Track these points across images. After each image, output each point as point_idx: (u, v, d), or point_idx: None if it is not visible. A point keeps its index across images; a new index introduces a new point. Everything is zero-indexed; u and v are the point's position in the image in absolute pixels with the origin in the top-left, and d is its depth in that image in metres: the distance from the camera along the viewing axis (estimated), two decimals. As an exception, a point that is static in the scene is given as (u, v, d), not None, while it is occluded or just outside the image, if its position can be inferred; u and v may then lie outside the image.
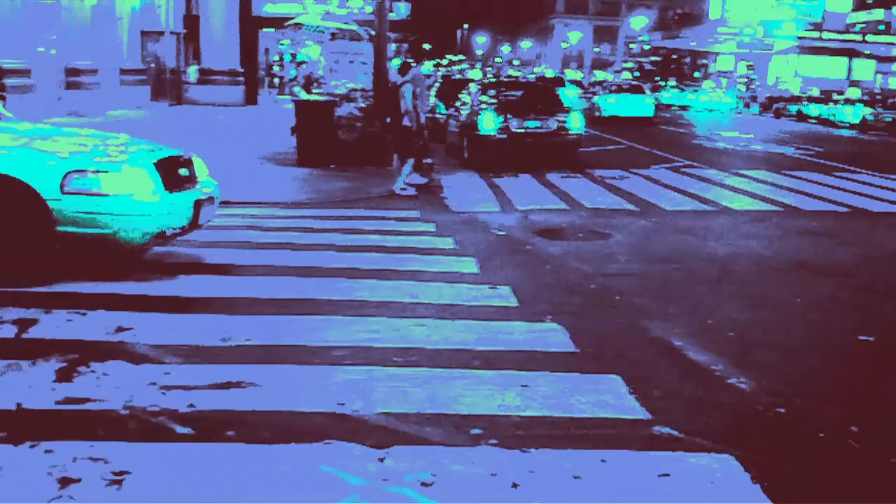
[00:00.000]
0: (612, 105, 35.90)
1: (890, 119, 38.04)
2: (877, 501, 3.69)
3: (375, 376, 4.84)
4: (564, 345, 5.58)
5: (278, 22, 34.65)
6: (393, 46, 33.93)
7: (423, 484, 3.62)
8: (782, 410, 4.63)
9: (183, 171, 7.35)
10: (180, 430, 4.07)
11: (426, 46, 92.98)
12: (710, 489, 3.67)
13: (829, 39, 70.58)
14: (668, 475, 3.77)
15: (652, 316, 6.38)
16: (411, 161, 12.85)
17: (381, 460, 3.81)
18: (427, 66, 69.00)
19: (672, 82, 74.54)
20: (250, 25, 35.84)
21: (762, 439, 4.24)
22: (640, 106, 35.61)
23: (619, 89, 37.96)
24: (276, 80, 43.03)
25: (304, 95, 16.65)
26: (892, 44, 69.76)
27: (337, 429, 4.12)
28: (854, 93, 49.78)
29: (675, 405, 4.62)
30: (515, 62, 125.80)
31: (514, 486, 3.63)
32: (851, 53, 71.48)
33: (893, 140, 33.49)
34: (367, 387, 4.67)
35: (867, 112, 40.31)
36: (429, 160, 14.81)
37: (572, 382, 4.86)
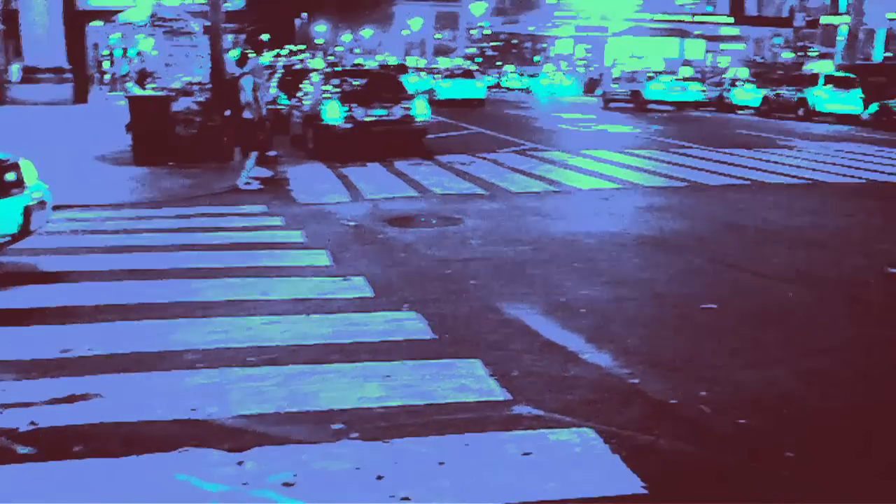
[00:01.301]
0: (446, 89, 38.84)
1: (716, 94, 40.13)
2: (723, 455, 3.82)
3: (229, 378, 4.68)
4: (422, 332, 5.56)
5: (106, 15, 33.13)
6: (230, 38, 33.08)
7: (286, 484, 3.52)
8: (636, 381, 4.75)
9: (9, 176, 6.89)
10: (21, 450, 3.82)
11: (265, 37, 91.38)
12: (571, 463, 3.73)
13: (662, 20, 73.60)
14: (530, 453, 3.80)
15: (507, 298, 6.44)
16: (254, 154, 12.56)
17: (241, 463, 3.69)
18: (267, 57, 67.75)
19: (512, 67, 75.95)
20: (76, 19, 34.14)
21: (620, 410, 4.33)
22: (472, 89, 38.70)
23: (452, 74, 40.92)
24: (108, 77, 41.25)
25: (137, 91, 15.99)
26: (718, 24, 73.34)
27: (192, 435, 3.96)
28: (686, 71, 51.97)
29: (535, 384, 4.67)
30: (357, 50, 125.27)
31: (379, 478, 3.58)
32: (683, 34, 74.74)
33: (723, 116, 35.26)
34: (222, 389, 4.51)
35: (698, 90, 42.24)
36: (273, 153, 14.52)
37: (432, 369, 4.84)
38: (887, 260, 8.03)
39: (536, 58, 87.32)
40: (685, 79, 40.85)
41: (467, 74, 40.52)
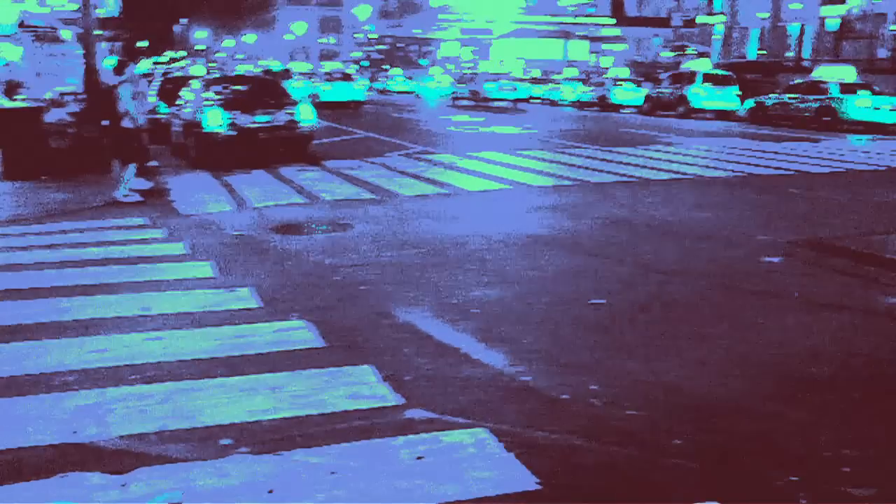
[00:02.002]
0: (327, 92, 40.46)
1: (589, 98, 41.25)
2: (614, 447, 3.86)
3: (110, 398, 4.48)
4: (312, 341, 5.45)
5: (-32, 24, 31.62)
6: (104, 45, 32.01)
7: (172, 505, 3.39)
8: (528, 379, 4.76)
9: None
10: None
11: (142, 44, 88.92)
12: (466, 464, 3.70)
13: (545, 22, 74.87)
14: (423, 457, 3.77)
15: (398, 302, 6.39)
16: (133, 165, 12.16)
17: (124, 486, 3.53)
18: (145, 64, 65.94)
19: (399, 70, 76.04)
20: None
21: (512, 409, 4.34)
22: (351, 92, 40.90)
23: (332, 78, 42.88)
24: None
25: (5, 103, 15.30)
26: (600, 24, 75.02)
27: (72, 459, 3.78)
28: (571, 72, 53.04)
29: (428, 387, 4.64)
30: (240, 56, 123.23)
31: (270, 492, 3.49)
32: (566, 35, 76.18)
33: (608, 115, 36.09)
34: (102, 410, 4.31)
35: (581, 90, 43.29)
36: (153, 163, 14.10)
37: (323, 378, 4.76)
38: (764, 250, 8.31)
39: (423, 60, 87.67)
40: (517, 79, 47.99)
41: (346, 78, 42.78)
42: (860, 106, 25.82)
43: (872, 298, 6.61)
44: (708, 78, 33.21)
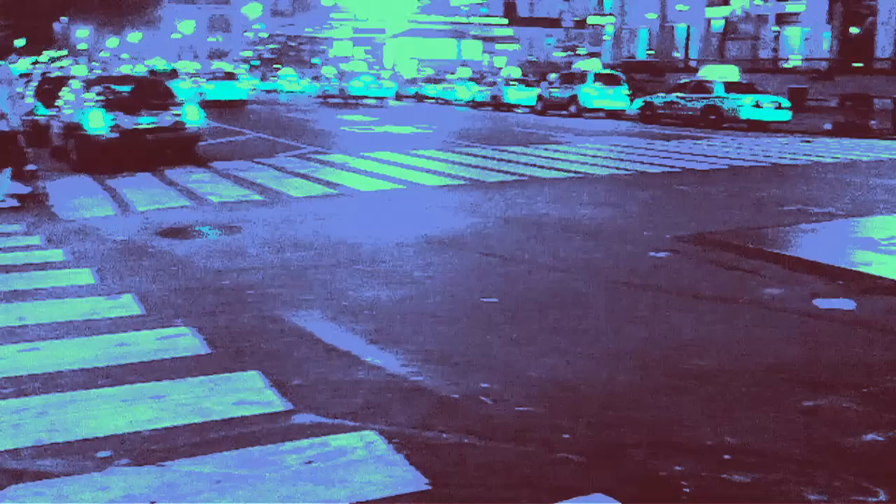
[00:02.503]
0: (211, 91, 41.14)
1: (483, 98, 41.75)
2: (505, 444, 3.87)
3: (-21, 414, 4.26)
4: (197, 348, 5.31)
5: None
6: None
7: (45, 525, 3.24)
8: (419, 379, 4.74)
9: None
10: None
11: (19, 42, 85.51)
12: (354, 467, 3.66)
13: (439, 22, 75.19)
14: (311, 462, 3.70)
15: (288, 306, 6.28)
16: (9, 170, 11.64)
17: (-5, 506, 3.36)
18: (21, 64, 63.48)
19: (291, 69, 75.23)
20: None
21: (403, 410, 4.30)
22: (235, 91, 42.03)
23: (215, 77, 44.02)
24: None
25: None
26: (492, 25, 75.75)
27: (-63, 481, 3.57)
28: (465, 72, 53.43)
29: (316, 391, 4.56)
30: (125, 55, 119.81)
31: (152, 503, 3.36)
32: (460, 35, 76.70)
33: (502, 114, 36.46)
34: (-29, 427, 4.10)
35: (476, 90, 43.67)
36: (31, 167, 13.53)
37: (208, 385, 4.63)
38: (652, 246, 8.50)
39: (315, 59, 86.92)
40: (380, 78, 49.95)
41: (229, 76, 44.04)
42: (744, 105, 26.73)
43: (754, 290, 6.81)
44: (598, 78, 33.88)
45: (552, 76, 39.35)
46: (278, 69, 77.44)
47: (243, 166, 15.48)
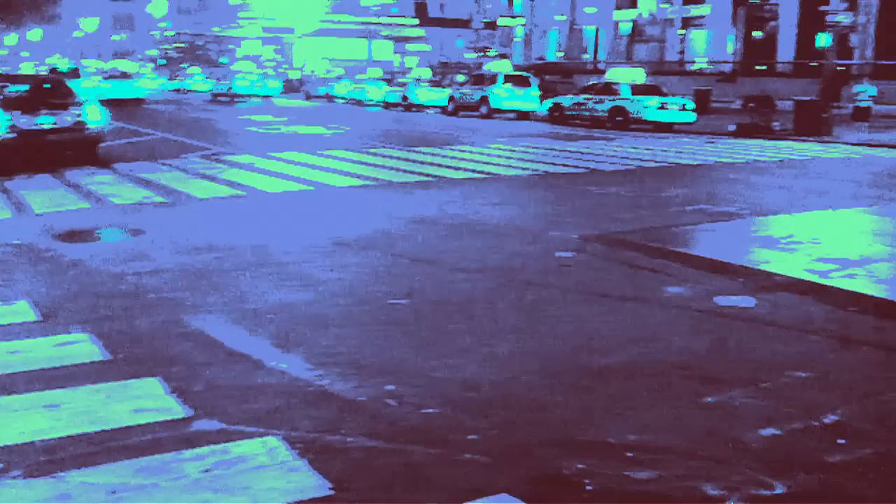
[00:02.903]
0: (107, 90, 40.86)
1: (394, 98, 41.75)
2: (410, 446, 3.85)
3: None
4: (95, 354, 5.14)
5: None
6: None
7: (-75, 544, 3.08)
8: (324, 383, 4.68)
9: None
10: None
11: None
12: (255, 474, 3.59)
13: (349, 22, 74.81)
14: (210, 470, 3.62)
15: (190, 310, 6.14)
16: None
17: None
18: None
19: (198, 69, 73.86)
20: None
21: (307, 414, 4.24)
22: (132, 89, 42.71)
23: (112, 76, 44.58)
24: None
25: None
26: (403, 25, 75.72)
27: None
28: (375, 72, 53.28)
29: (218, 397, 4.47)
30: (25, 54, 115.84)
31: (44, 518, 3.25)
32: (370, 35, 76.47)
33: (409, 115, 36.44)
34: None
35: (387, 90, 43.61)
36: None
37: (106, 393, 4.49)
38: (558, 246, 8.59)
39: (223, 59, 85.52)
40: (266, 76, 53.47)
41: (125, 76, 44.97)
42: (650, 106, 27.29)
43: (658, 289, 6.94)
44: (509, 79, 34.13)
45: (456, 76, 39.68)
46: (185, 69, 75.93)
47: (147, 167, 15.10)
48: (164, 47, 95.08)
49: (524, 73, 35.99)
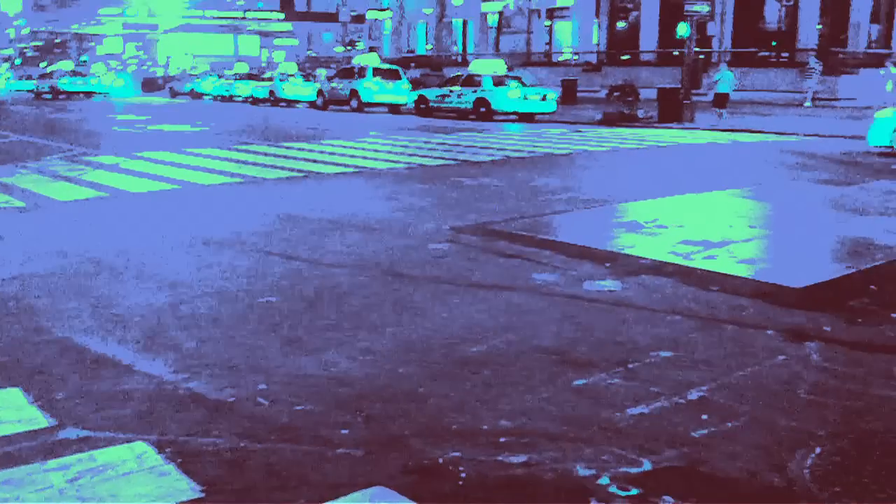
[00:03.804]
0: None
1: (262, 94, 41.23)
2: (282, 444, 3.80)
3: None
4: (-53, 367, 4.87)
5: None
6: None
7: None
8: (193, 385, 4.57)
9: None
10: None
11: None
12: (123, 480, 3.50)
13: (214, 17, 73.14)
14: (76, 479, 3.49)
15: (53, 317, 5.89)
16: None
17: None
18: None
19: (59, 67, 70.95)
20: None
21: (175, 418, 4.14)
22: None
23: None
24: None
25: None
26: (269, 19, 74.54)
27: None
28: (242, 68, 52.29)
29: (83, 405, 4.31)
30: None
31: None
32: (236, 30, 75.01)
33: (278, 110, 35.96)
34: None
35: (254, 86, 42.91)
36: None
37: (-40, 407, 4.27)
38: (432, 238, 8.63)
39: (84, 57, 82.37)
40: (89, 75, 53.74)
41: None
42: (511, 97, 27.73)
43: (529, 277, 7.06)
44: (378, 72, 34.05)
45: (321, 70, 39.55)
46: (45, 67, 72.80)
47: (4, 171, 14.39)
48: (20, 46, 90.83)
49: (394, 67, 35.96)
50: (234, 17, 73.88)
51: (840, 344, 5.38)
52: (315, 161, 15.50)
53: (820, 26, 38.31)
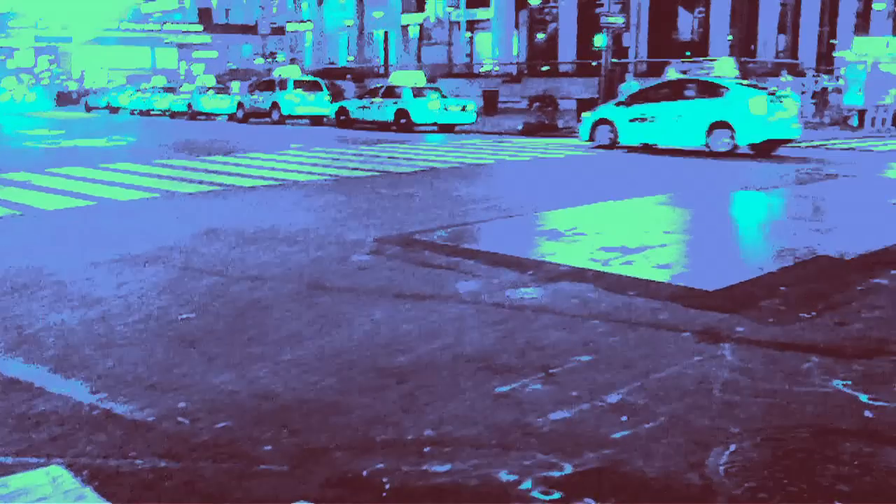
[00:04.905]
0: None
1: (180, 108, 40.63)
2: (203, 462, 3.75)
3: None
4: None
5: None
6: None
7: None
8: (110, 405, 4.48)
9: None
10: None
11: None
12: (38, 509, 3.39)
13: (131, 29, 71.85)
14: (-12, 510, 3.39)
15: (-41, 338, 5.70)
16: None
17: None
18: None
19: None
20: None
21: (92, 439, 4.04)
22: None
23: None
24: None
25: None
26: (188, 32, 73.51)
27: None
28: (160, 81, 51.47)
29: (-6, 430, 4.18)
30: None
31: None
32: (153, 43, 73.81)
33: (197, 123, 35.47)
34: None
35: (172, 99, 42.30)
36: None
37: None
38: (354, 249, 8.61)
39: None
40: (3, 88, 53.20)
41: None
42: (431, 108, 27.90)
43: (452, 286, 7.09)
44: (299, 84, 33.90)
45: (235, 84, 39.22)
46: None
47: None
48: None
49: (314, 78, 35.84)
50: (151, 30, 72.70)
51: (753, 344, 5.53)
52: (236, 174, 15.33)
53: (731, 37, 39.41)
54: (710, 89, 19.73)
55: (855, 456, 3.93)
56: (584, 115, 22.88)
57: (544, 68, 46.96)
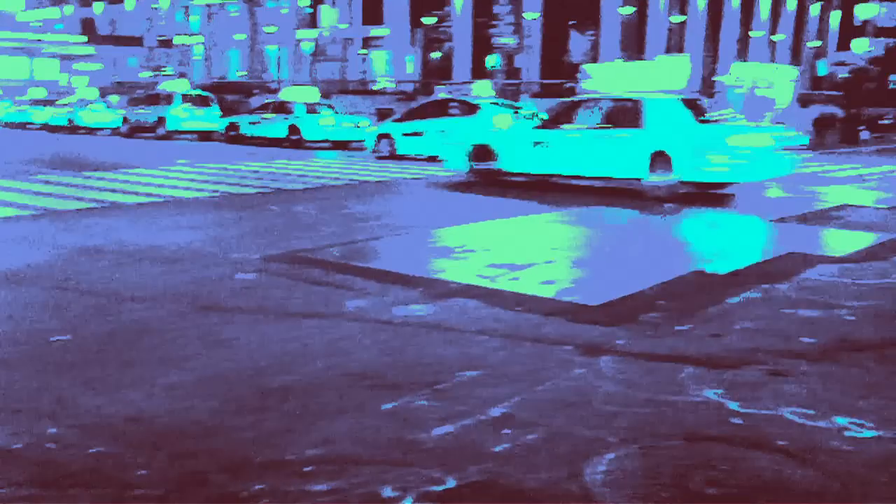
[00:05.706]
0: None
1: (60, 121, 39.41)
2: (74, 490, 3.62)
3: None
4: None
5: None
6: None
7: None
8: (-24, 433, 4.28)
9: None
10: None
11: None
12: None
13: (6, 38, 69.32)
14: None
15: None
16: None
17: None
18: None
19: None
20: None
21: (-45, 471, 3.86)
22: None
23: None
24: None
25: None
26: (69, 42, 71.31)
27: None
28: (38, 93, 49.69)
29: None
30: None
31: None
32: (31, 52, 71.28)
33: (77, 138, 34.42)
34: None
35: (51, 113, 41.01)
36: None
37: None
38: (240, 268, 8.47)
39: None
40: None
41: None
42: (324, 125, 27.82)
43: (341, 304, 7.03)
44: (187, 99, 33.27)
45: (113, 97, 38.27)
46: None
47: None
48: None
49: (203, 93, 35.23)
50: (28, 40, 70.18)
51: (631, 356, 5.67)
52: (117, 191, 14.91)
53: (621, 59, 40.53)
54: (467, 107, 23.13)
55: (724, 461, 4.07)
56: (368, 130, 26.21)
57: (440, 86, 47.35)
